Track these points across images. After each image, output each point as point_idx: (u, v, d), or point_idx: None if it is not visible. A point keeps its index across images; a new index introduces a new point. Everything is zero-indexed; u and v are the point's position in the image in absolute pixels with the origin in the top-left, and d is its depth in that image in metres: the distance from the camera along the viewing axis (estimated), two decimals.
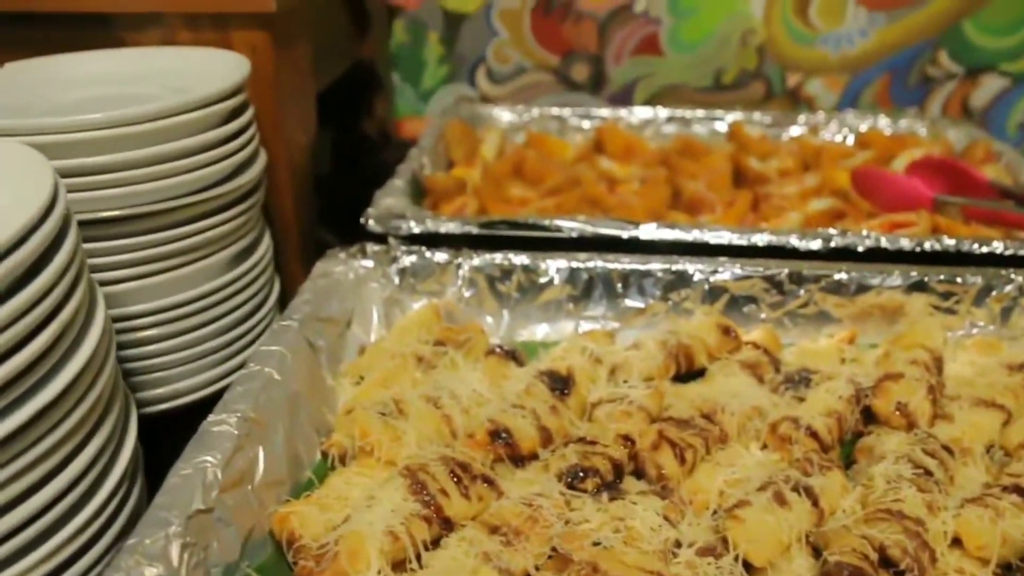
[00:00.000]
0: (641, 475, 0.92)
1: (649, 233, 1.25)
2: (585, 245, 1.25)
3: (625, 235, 1.26)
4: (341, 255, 1.21)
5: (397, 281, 1.22)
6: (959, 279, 1.17)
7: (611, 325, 1.21)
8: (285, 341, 0.99)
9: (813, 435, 0.94)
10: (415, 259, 1.22)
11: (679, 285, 1.21)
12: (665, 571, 0.75)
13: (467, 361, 1.07)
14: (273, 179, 1.29)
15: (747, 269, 1.20)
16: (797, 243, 1.23)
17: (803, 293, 1.19)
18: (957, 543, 0.82)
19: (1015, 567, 0.82)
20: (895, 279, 1.18)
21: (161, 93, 1.10)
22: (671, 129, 1.83)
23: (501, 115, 1.87)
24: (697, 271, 1.20)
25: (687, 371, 1.10)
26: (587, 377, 1.03)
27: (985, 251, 1.21)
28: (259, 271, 1.18)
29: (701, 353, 1.10)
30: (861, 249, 1.22)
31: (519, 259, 1.22)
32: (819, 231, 1.26)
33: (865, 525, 0.81)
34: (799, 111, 1.91)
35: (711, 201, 1.49)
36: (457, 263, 1.22)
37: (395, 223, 1.28)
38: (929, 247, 1.22)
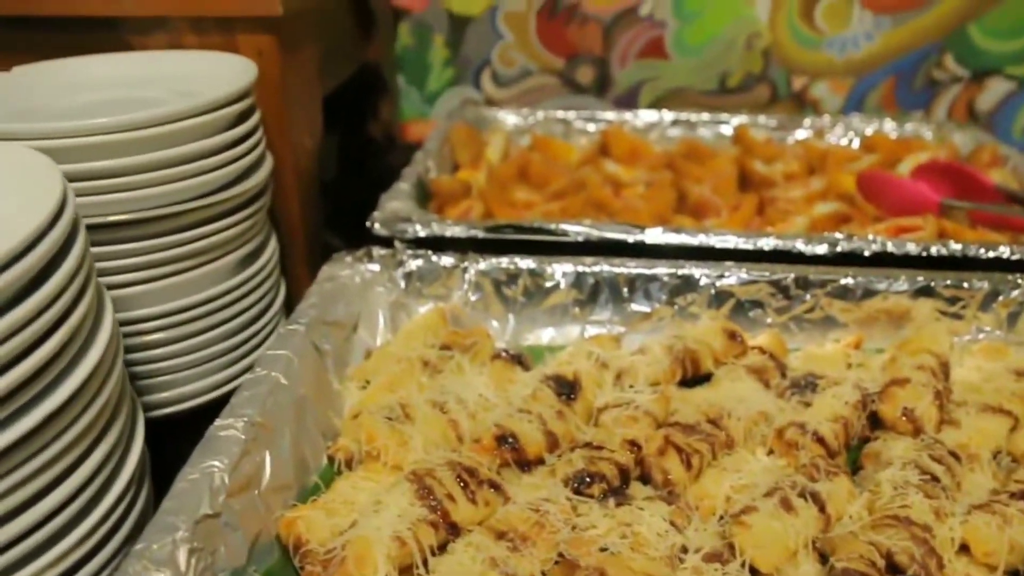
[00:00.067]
0: (647, 480, 0.92)
1: (655, 237, 1.25)
2: (591, 249, 1.25)
3: (631, 239, 1.25)
4: (347, 259, 1.21)
5: (403, 285, 1.22)
6: (966, 284, 1.17)
7: (617, 329, 1.21)
8: (291, 345, 0.99)
9: (820, 441, 0.94)
10: (421, 263, 1.22)
11: (685, 289, 1.21)
12: None
13: (473, 365, 1.07)
14: (279, 183, 1.29)
15: (753, 273, 1.20)
16: (803, 247, 1.23)
17: (809, 298, 1.19)
18: (964, 549, 0.82)
19: (1022, 574, 0.82)
20: (901, 284, 1.18)
21: (168, 97, 1.10)
22: (676, 132, 1.83)
23: (506, 118, 1.87)
24: (703, 275, 1.20)
25: (693, 376, 1.10)
26: (593, 382, 1.03)
27: (992, 256, 1.21)
28: (265, 275, 1.18)
29: (707, 358, 1.10)
30: (867, 253, 1.22)
31: (525, 263, 1.22)
32: (825, 235, 1.25)
33: (872, 531, 0.81)
34: (804, 114, 1.91)
35: (716, 205, 1.48)
36: (463, 267, 1.22)
37: (401, 227, 1.28)
38: (935, 252, 1.22)
